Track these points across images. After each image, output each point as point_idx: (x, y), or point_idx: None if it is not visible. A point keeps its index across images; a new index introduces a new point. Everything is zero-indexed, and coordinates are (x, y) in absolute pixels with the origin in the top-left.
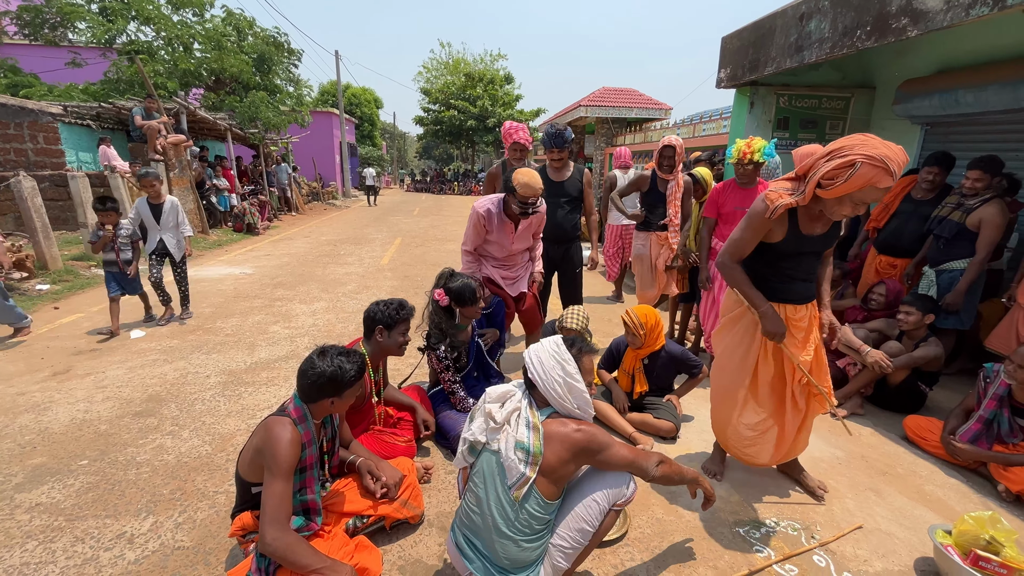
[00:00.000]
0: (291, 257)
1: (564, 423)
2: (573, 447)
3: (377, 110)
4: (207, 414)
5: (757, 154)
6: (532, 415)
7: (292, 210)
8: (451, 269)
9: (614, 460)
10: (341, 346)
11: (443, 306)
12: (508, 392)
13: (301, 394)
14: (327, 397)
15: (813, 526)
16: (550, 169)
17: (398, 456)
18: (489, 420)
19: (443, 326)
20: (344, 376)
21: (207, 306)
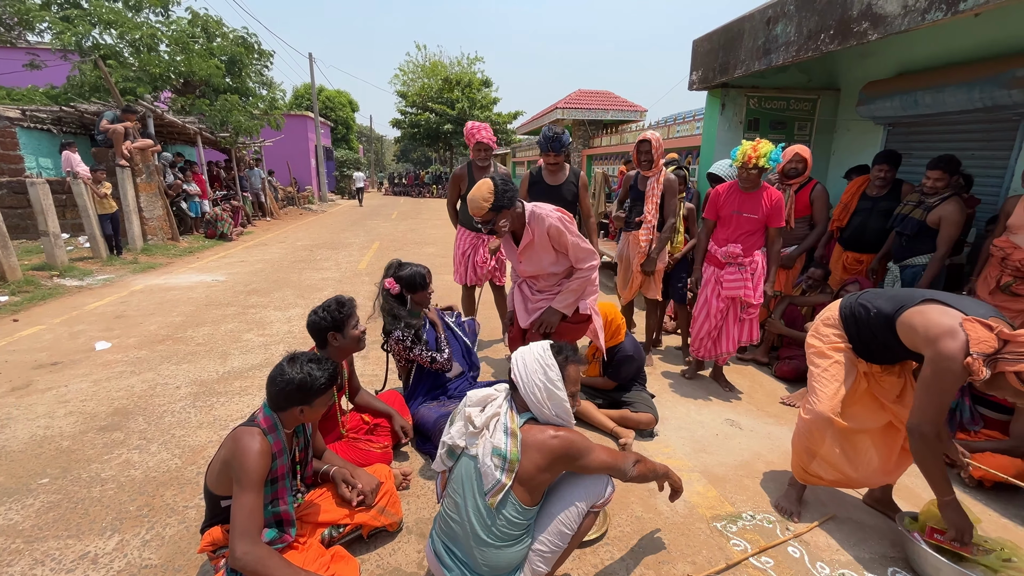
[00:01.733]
0: (265, 263)
1: (543, 430)
2: (550, 454)
3: (353, 113)
4: (177, 426)
5: (763, 159)
6: (511, 420)
7: (267, 215)
8: (398, 260)
9: (593, 465)
10: (312, 352)
11: (394, 295)
12: (489, 396)
13: (270, 402)
14: (296, 405)
15: (788, 518)
16: (546, 173)
17: (374, 463)
18: (468, 424)
19: (396, 311)
20: (314, 384)
21: (177, 315)
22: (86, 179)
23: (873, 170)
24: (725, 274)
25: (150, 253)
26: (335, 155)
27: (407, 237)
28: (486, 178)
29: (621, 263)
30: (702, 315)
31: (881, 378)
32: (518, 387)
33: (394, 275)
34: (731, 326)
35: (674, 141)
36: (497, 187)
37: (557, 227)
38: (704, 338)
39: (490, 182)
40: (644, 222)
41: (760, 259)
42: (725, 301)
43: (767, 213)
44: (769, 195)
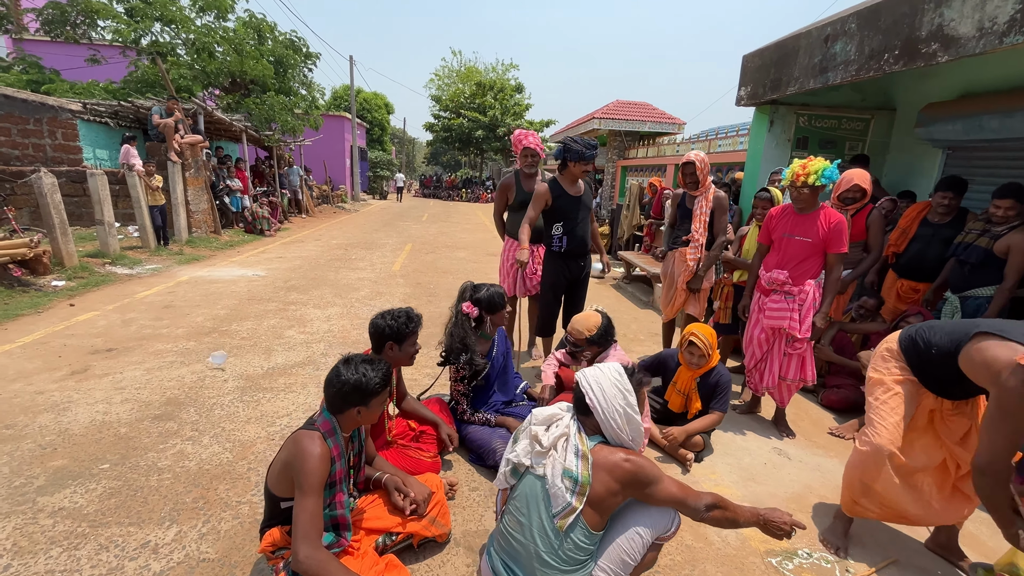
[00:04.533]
0: (303, 260)
1: (613, 451)
2: (622, 478)
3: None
4: (226, 420)
5: (813, 176)
6: (581, 442)
7: (302, 212)
8: (471, 282)
9: (662, 496)
10: (365, 354)
11: (473, 318)
12: (555, 415)
13: (329, 405)
14: (353, 406)
15: (846, 559)
16: (567, 184)
17: (424, 472)
18: (535, 443)
19: (468, 340)
20: (368, 384)
21: (221, 308)
22: (140, 172)
23: (936, 196)
24: (768, 302)
25: (194, 245)
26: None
27: (439, 240)
28: (597, 311)
29: (665, 280)
30: (748, 346)
31: (950, 418)
32: (596, 413)
33: (471, 298)
34: (774, 359)
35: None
36: (603, 325)
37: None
38: (752, 371)
39: (599, 317)
40: (692, 240)
41: (812, 289)
42: (768, 331)
43: (824, 237)
44: (827, 217)
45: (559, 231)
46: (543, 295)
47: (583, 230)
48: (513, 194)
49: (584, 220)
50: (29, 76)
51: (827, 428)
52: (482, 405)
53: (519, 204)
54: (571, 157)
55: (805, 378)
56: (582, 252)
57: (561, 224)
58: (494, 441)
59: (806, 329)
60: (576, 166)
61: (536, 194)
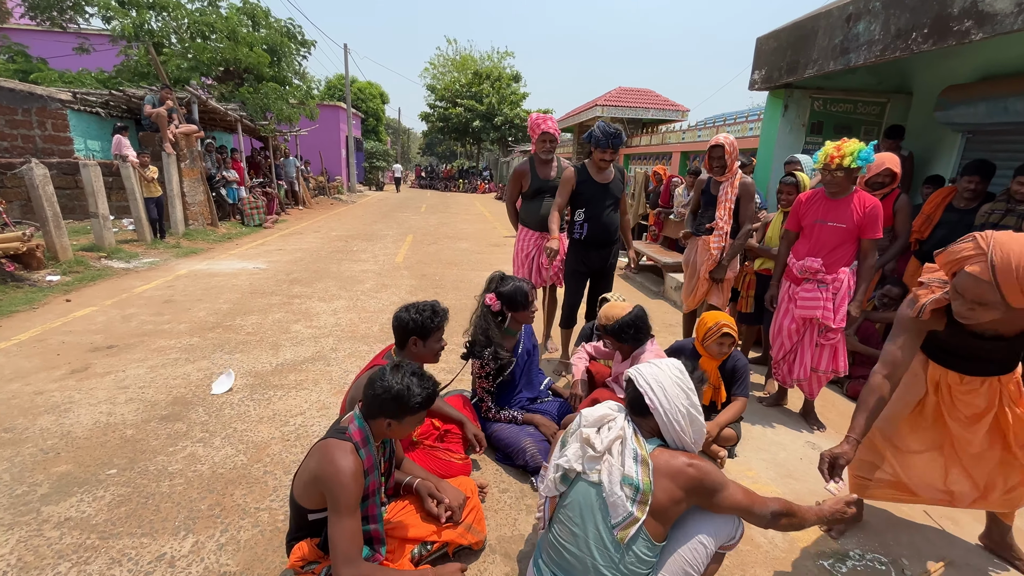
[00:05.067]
0: (303, 252)
1: (674, 455)
2: (686, 484)
3: (383, 105)
4: (237, 420)
5: (848, 159)
6: (639, 446)
7: (299, 204)
8: (501, 272)
9: (728, 503)
10: (418, 366)
11: (494, 311)
12: (606, 416)
13: (365, 407)
14: (386, 417)
15: (899, 559)
16: (594, 170)
17: (455, 475)
18: (586, 447)
19: (490, 333)
20: (410, 399)
21: (224, 302)
22: (134, 163)
23: (962, 181)
24: (800, 291)
25: (191, 238)
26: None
27: (440, 231)
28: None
29: (687, 269)
30: (776, 337)
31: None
32: (657, 415)
33: (496, 290)
34: (805, 350)
35: None
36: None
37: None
38: (780, 362)
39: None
40: (716, 228)
41: (846, 277)
42: (799, 321)
43: (859, 223)
44: (862, 201)
45: (580, 218)
46: (566, 285)
47: (608, 219)
48: (528, 181)
49: (610, 209)
50: (16, 65)
51: None
52: (507, 402)
53: (534, 192)
54: (592, 143)
55: (837, 369)
56: (605, 242)
57: (583, 211)
58: (523, 440)
59: (841, 319)
60: (596, 153)
61: (563, 179)
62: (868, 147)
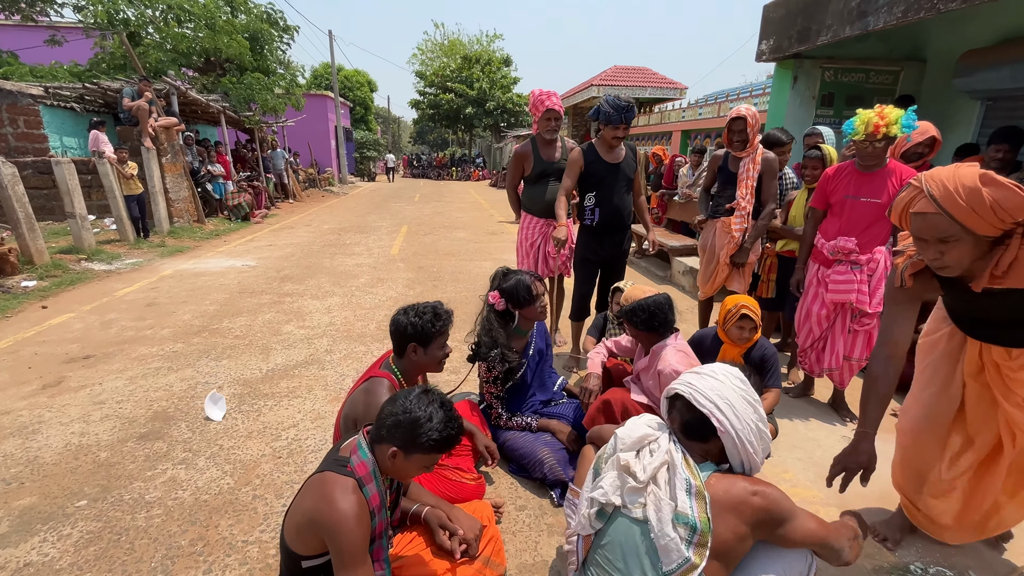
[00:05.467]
0: (295, 247)
1: (733, 483)
2: (752, 518)
3: (371, 93)
4: (224, 435)
5: (894, 127)
6: (692, 474)
7: (289, 197)
8: (505, 268)
9: (798, 535)
10: (449, 400)
11: (499, 310)
12: (646, 437)
13: (375, 429)
14: (393, 444)
15: (966, 572)
16: (603, 149)
17: (468, 498)
18: (626, 476)
19: (495, 334)
20: (427, 432)
21: (211, 303)
22: (112, 159)
23: (990, 150)
24: (832, 274)
25: (177, 236)
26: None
27: (435, 221)
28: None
29: (704, 254)
30: (803, 324)
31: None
32: (728, 439)
33: (498, 287)
34: (837, 337)
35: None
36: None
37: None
38: (808, 350)
39: (643, 293)
40: (736, 208)
41: (882, 257)
42: (830, 307)
43: (895, 197)
44: (899, 174)
45: (591, 202)
46: (576, 275)
47: (620, 202)
48: (530, 164)
49: (623, 191)
50: None
51: (889, 410)
52: (519, 407)
53: (537, 175)
54: (601, 119)
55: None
56: (617, 227)
57: (594, 194)
58: (539, 450)
59: (877, 302)
60: (606, 130)
61: (570, 161)
62: (910, 112)
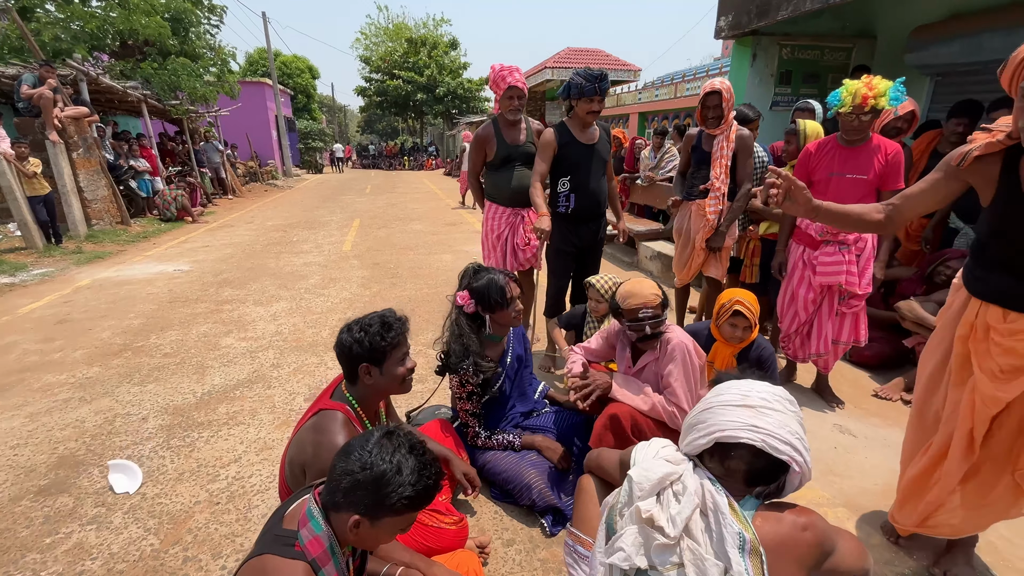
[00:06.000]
0: (235, 248)
1: (779, 521)
2: (808, 560)
3: (313, 80)
4: (148, 480)
5: (883, 99)
6: (743, 524)
7: (228, 193)
8: (476, 264)
9: (845, 563)
10: (419, 440)
11: (468, 313)
12: (669, 476)
13: (328, 492)
14: (354, 512)
15: (987, 571)
16: (577, 128)
17: (449, 547)
18: (651, 531)
19: (466, 341)
20: (396, 489)
21: (135, 316)
22: (10, 156)
23: (950, 124)
24: (820, 255)
25: (97, 240)
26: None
27: (389, 213)
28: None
29: (679, 239)
30: (788, 308)
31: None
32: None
33: (468, 286)
34: (824, 321)
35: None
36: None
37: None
38: (792, 335)
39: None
40: (711, 189)
41: (870, 236)
42: (817, 290)
43: (881, 173)
44: (884, 148)
45: (565, 187)
46: (550, 267)
47: (597, 186)
48: (493, 148)
49: (598, 175)
50: None
51: (870, 390)
52: (499, 422)
53: (502, 160)
54: (573, 93)
55: (859, 339)
56: (594, 214)
57: (568, 179)
58: (525, 473)
59: (866, 283)
60: (580, 105)
61: (542, 143)
62: (897, 84)
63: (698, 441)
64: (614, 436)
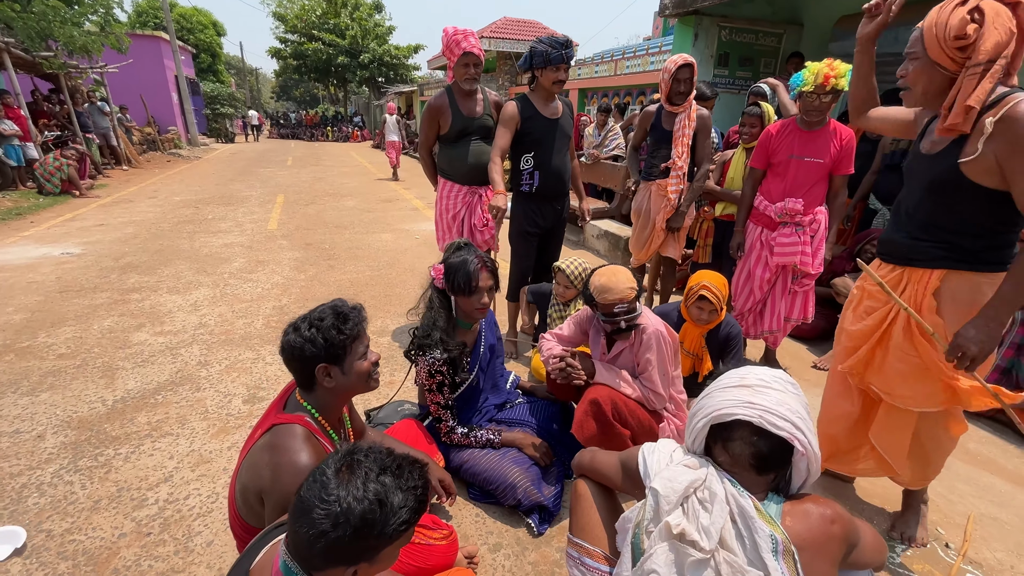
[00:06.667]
0: (137, 226)
1: (806, 515)
2: (838, 554)
3: (218, 38)
4: (54, 513)
5: (843, 80)
6: (773, 526)
7: (122, 163)
8: (465, 240)
9: (866, 556)
10: (383, 450)
11: (439, 288)
12: (693, 483)
13: (297, 553)
14: (347, 564)
15: (934, 528)
16: (541, 102)
17: (440, 565)
18: (684, 547)
19: (435, 316)
20: (389, 520)
21: (16, 310)
22: None
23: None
24: (778, 236)
25: None
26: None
27: (316, 188)
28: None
29: (638, 219)
30: (743, 287)
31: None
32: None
33: (445, 260)
34: (777, 299)
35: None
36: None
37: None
38: (746, 313)
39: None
40: (672, 168)
41: (823, 217)
42: (773, 270)
43: (835, 157)
44: (840, 133)
45: (528, 164)
46: (514, 249)
47: (561, 163)
48: (448, 120)
49: (562, 151)
50: None
51: (809, 362)
52: (471, 416)
53: (457, 133)
54: (536, 62)
55: (807, 316)
56: (559, 192)
57: (532, 155)
58: (508, 472)
59: (819, 263)
60: (545, 74)
61: (504, 116)
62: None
63: (696, 426)
64: (596, 422)
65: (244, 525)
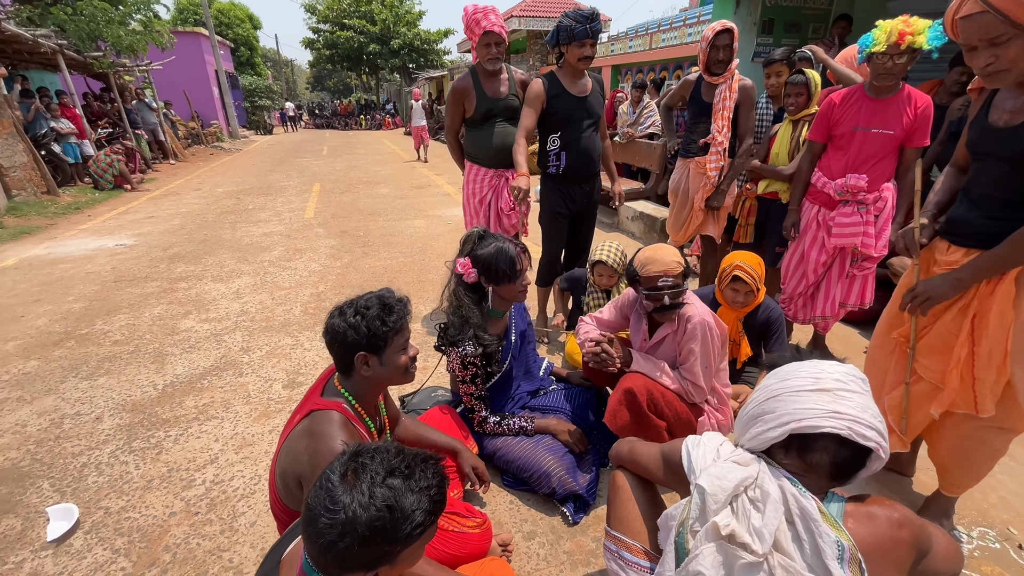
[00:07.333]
0: (184, 218)
1: (871, 518)
2: (907, 561)
3: (255, 31)
4: (111, 491)
5: (921, 37)
6: (838, 530)
7: (168, 157)
8: (481, 229)
9: (941, 558)
10: (392, 448)
11: (470, 283)
12: (744, 480)
13: (315, 559)
14: (365, 570)
15: (1004, 527)
16: (568, 79)
17: (475, 553)
18: (734, 549)
19: (466, 312)
20: (403, 524)
21: (75, 299)
22: None
23: (952, 74)
24: (837, 216)
25: (20, 214)
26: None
27: (351, 176)
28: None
29: (676, 199)
30: (795, 270)
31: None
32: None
33: (471, 252)
34: (833, 283)
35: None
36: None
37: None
38: (795, 296)
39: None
40: (712, 144)
41: (890, 195)
42: (830, 252)
43: (909, 128)
44: (915, 100)
45: (555, 145)
46: (544, 231)
47: (589, 143)
48: (472, 102)
49: (590, 131)
50: None
51: (861, 348)
52: (504, 404)
53: (482, 116)
54: (562, 38)
55: (865, 302)
56: (588, 174)
57: (559, 135)
58: (542, 460)
59: (883, 246)
60: (570, 50)
61: (530, 95)
62: (936, 24)
63: (768, 434)
64: (629, 412)
65: (284, 508)
